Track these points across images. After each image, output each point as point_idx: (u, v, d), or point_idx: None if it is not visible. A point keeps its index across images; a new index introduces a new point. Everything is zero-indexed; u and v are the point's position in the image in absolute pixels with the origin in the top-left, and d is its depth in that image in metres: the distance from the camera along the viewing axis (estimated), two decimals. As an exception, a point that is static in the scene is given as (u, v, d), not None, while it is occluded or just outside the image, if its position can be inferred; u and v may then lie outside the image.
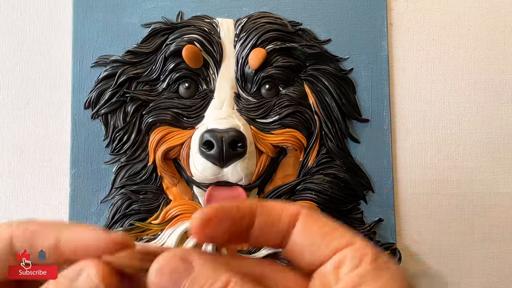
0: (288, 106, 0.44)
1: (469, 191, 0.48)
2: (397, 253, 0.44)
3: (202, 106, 0.43)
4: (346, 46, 0.47)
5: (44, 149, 0.45)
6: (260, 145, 0.43)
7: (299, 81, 0.46)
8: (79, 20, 0.46)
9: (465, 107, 0.49)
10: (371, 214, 0.46)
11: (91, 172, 0.44)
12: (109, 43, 0.46)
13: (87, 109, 0.45)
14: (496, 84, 0.49)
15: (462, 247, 0.47)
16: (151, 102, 0.44)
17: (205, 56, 0.44)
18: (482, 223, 0.48)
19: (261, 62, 0.43)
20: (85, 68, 0.45)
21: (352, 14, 0.48)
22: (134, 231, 0.43)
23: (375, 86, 0.47)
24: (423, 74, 0.49)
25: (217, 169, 0.40)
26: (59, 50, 0.46)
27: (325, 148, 0.45)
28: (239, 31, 0.45)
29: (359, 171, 0.46)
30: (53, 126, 0.46)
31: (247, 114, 0.43)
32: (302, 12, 0.47)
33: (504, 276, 0.47)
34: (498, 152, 0.48)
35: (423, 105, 0.48)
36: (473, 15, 0.50)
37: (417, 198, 0.47)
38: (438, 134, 0.48)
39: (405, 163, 0.47)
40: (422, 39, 0.49)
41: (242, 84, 0.44)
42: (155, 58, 0.45)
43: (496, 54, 0.49)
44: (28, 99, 0.46)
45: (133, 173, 0.43)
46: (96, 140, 0.45)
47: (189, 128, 0.43)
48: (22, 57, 0.46)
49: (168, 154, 0.43)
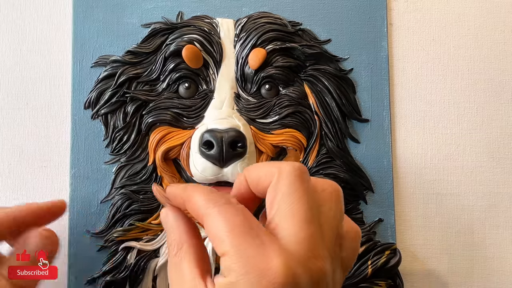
0: (288, 106, 0.44)
1: (469, 191, 0.48)
2: (397, 253, 0.44)
3: (202, 106, 0.43)
4: (346, 46, 0.47)
5: (44, 149, 0.45)
6: (260, 145, 0.43)
7: (299, 81, 0.46)
8: (79, 20, 0.46)
9: (465, 107, 0.49)
10: (371, 214, 0.46)
11: (91, 172, 0.44)
12: (109, 43, 0.46)
13: (87, 109, 0.45)
14: (496, 84, 0.49)
15: (462, 247, 0.47)
16: (151, 102, 0.44)
17: (205, 56, 0.44)
18: (482, 223, 0.48)
19: (261, 62, 0.44)
20: (85, 68, 0.45)
21: (352, 14, 0.48)
22: (134, 231, 0.43)
23: (375, 86, 0.47)
24: (423, 74, 0.49)
25: (217, 169, 0.40)
26: (59, 50, 0.47)
27: (325, 148, 0.45)
28: (239, 31, 0.45)
29: (359, 171, 0.46)
30: (53, 126, 0.46)
31: (247, 114, 0.43)
32: (302, 12, 0.47)
33: (504, 276, 0.47)
34: (498, 152, 0.48)
35: (423, 105, 0.48)
36: (473, 15, 0.50)
37: (417, 198, 0.47)
38: (438, 134, 0.48)
39: (405, 163, 0.47)
40: (422, 39, 0.49)
41: (242, 84, 0.44)
42: (155, 58, 0.45)
43: (496, 54, 0.49)
44: (28, 99, 0.46)
45: (133, 173, 0.44)
46: (96, 140, 0.45)
47: (189, 128, 0.43)
48: (22, 57, 0.46)
49: (168, 154, 0.43)
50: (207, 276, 0.29)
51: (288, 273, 0.25)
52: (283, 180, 0.29)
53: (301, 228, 0.27)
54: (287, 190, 0.28)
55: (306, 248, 0.26)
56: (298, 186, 0.28)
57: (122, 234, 0.42)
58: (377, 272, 0.43)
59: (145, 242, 0.43)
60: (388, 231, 0.46)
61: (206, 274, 0.29)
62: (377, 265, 0.43)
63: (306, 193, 0.28)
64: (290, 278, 0.25)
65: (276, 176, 0.29)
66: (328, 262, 0.27)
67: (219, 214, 0.28)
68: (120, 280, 0.42)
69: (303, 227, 0.27)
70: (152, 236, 0.43)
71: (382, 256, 0.44)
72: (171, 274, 0.31)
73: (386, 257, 0.44)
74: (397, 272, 0.45)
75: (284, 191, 0.28)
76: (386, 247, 0.44)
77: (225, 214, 0.28)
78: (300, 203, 0.28)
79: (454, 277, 0.47)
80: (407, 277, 0.46)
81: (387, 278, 0.44)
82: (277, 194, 0.29)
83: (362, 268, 0.43)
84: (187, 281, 0.29)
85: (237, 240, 0.26)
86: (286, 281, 0.25)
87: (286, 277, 0.25)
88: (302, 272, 0.25)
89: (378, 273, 0.43)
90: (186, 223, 0.32)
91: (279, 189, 0.28)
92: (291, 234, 0.27)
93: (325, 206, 0.30)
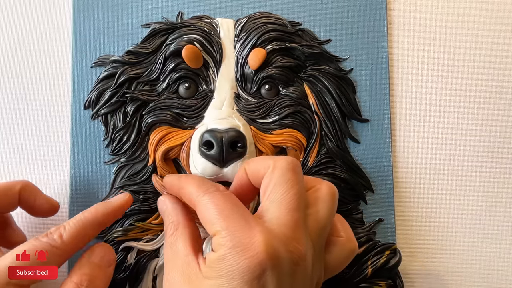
0: (288, 106, 0.44)
1: (469, 191, 0.48)
2: (397, 253, 0.44)
3: (202, 106, 0.43)
4: (346, 46, 0.47)
5: (44, 149, 0.45)
6: (260, 145, 0.43)
7: (299, 81, 0.46)
8: (79, 20, 0.46)
9: (465, 107, 0.49)
10: (371, 214, 0.46)
11: (91, 172, 0.44)
12: (109, 43, 0.46)
13: (87, 109, 0.45)
14: (496, 84, 0.49)
15: (462, 247, 0.47)
16: (151, 102, 0.44)
17: (205, 56, 0.44)
18: (482, 223, 0.48)
19: (261, 62, 0.44)
20: (85, 68, 0.45)
21: (352, 14, 0.48)
22: (134, 231, 0.43)
23: (375, 86, 0.47)
24: (423, 74, 0.49)
25: (217, 169, 0.40)
26: (59, 50, 0.47)
27: (325, 148, 0.45)
28: (239, 31, 0.45)
29: (359, 171, 0.46)
30: (53, 126, 0.46)
31: (247, 114, 0.43)
32: (302, 12, 0.47)
33: (504, 276, 0.47)
34: (498, 152, 0.48)
35: (423, 105, 0.48)
36: (473, 15, 0.50)
37: (417, 198, 0.47)
38: (438, 134, 0.48)
39: (405, 163, 0.47)
40: (422, 39, 0.49)
41: (242, 84, 0.44)
42: (155, 58, 0.45)
43: (496, 54, 0.49)
44: (28, 99, 0.46)
45: (133, 173, 0.44)
46: (96, 140, 0.45)
47: (189, 128, 0.43)
48: (22, 57, 0.46)
49: (168, 154, 0.43)
50: (199, 254, 0.33)
51: (269, 248, 0.28)
52: (277, 171, 0.32)
53: (286, 214, 0.30)
54: (279, 180, 0.32)
55: (289, 231, 0.30)
56: (289, 177, 0.32)
57: (122, 234, 0.42)
58: (377, 272, 0.43)
59: (145, 242, 0.43)
60: (388, 231, 0.46)
61: (198, 252, 0.33)
62: (377, 265, 0.43)
63: (296, 184, 0.32)
64: (270, 252, 0.28)
65: (271, 167, 0.33)
66: (309, 250, 0.30)
67: (209, 200, 0.32)
68: (120, 280, 0.42)
69: (288, 213, 0.30)
70: (152, 236, 0.43)
71: (382, 256, 0.44)
72: (167, 252, 0.35)
73: (386, 257, 0.44)
74: (397, 272, 0.45)
75: (276, 181, 0.32)
76: (386, 247, 0.44)
77: (215, 200, 0.32)
78: (289, 193, 0.31)
79: (454, 277, 0.47)
80: (407, 277, 0.46)
81: (387, 278, 0.44)
82: (270, 182, 0.32)
83: (362, 268, 0.43)
84: (181, 257, 0.33)
85: (226, 221, 0.30)
86: (266, 255, 0.28)
87: (267, 251, 0.28)
88: (282, 251, 0.29)
89: (378, 273, 0.43)
90: (182, 207, 0.37)
91: (272, 179, 0.32)
92: (277, 217, 0.30)
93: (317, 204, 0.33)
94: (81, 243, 0.37)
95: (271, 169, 0.32)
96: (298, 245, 0.30)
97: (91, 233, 0.37)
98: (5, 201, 0.38)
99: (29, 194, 0.39)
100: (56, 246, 0.35)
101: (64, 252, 0.35)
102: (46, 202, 0.40)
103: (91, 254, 0.38)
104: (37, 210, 0.40)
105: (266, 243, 0.28)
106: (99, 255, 0.38)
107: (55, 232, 0.35)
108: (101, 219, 0.38)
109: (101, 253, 0.38)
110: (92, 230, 0.37)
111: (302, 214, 0.31)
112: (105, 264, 0.38)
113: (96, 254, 0.38)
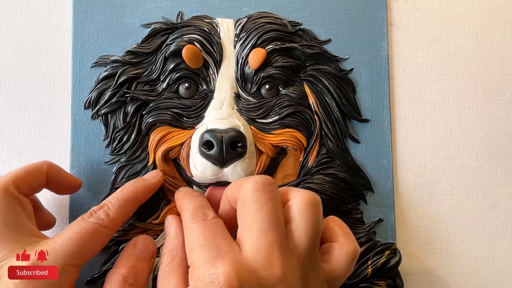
0: (288, 106, 0.44)
1: (469, 191, 0.48)
2: (397, 253, 0.44)
3: (202, 106, 0.43)
4: (346, 46, 0.47)
5: (44, 149, 0.45)
6: (260, 145, 0.43)
7: (299, 81, 0.46)
8: (79, 20, 0.46)
9: (465, 107, 0.49)
10: (371, 214, 0.46)
11: (91, 172, 0.44)
12: (109, 43, 0.46)
13: (87, 109, 0.45)
14: (496, 84, 0.49)
15: (462, 247, 0.47)
16: (151, 102, 0.44)
17: (205, 56, 0.44)
18: (482, 223, 0.48)
19: (261, 62, 0.44)
20: (85, 68, 0.45)
21: (352, 14, 0.48)
22: (134, 231, 0.42)
23: (375, 86, 0.47)
24: (423, 74, 0.49)
25: (217, 169, 0.40)
26: (59, 50, 0.47)
27: (325, 148, 0.45)
28: (239, 31, 0.45)
29: (359, 171, 0.46)
30: (53, 126, 0.46)
31: (247, 114, 0.43)
32: (302, 12, 0.47)
33: (504, 276, 0.47)
34: (498, 152, 0.48)
35: (423, 105, 0.48)
36: (473, 15, 0.50)
37: (417, 198, 0.47)
38: (438, 134, 0.48)
39: (405, 163, 0.47)
40: (422, 39, 0.49)
41: (242, 84, 0.44)
42: (155, 58, 0.45)
43: (496, 54, 0.49)
44: (28, 99, 0.46)
45: (133, 173, 0.44)
46: (96, 140, 0.45)
47: (189, 128, 0.43)
48: (22, 57, 0.46)
49: (168, 154, 0.43)
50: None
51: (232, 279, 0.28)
52: (245, 193, 0.32)
53: (260, 237, 0.30)
54: (248, 201, 0.31)
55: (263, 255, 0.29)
56: (258, 197, 0.31)
57: (122, 234, 0.42)
58: (377, 272, 0.43)
59: (145, 242, 0.43)
60: (388, 231, 0.46)
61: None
62: (377, 265, 0.43)
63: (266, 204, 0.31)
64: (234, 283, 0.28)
65: (241, 191, 0.32)
66: (290, 269, 0.29)
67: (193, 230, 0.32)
68: (120, 280, 0.42)
69: (262, 235, 0.30)
70: (152, 236, 0.43)
71: (382, 256, 0.44)
72: (160, 281, 0.34)
73: (386, 257, 0.44)
74: (397, 272, 0.45)
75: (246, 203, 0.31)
76: (386, 247, 0.44)
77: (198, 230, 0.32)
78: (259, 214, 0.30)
79: (454, 277, 0.47)
80: (407, 277, 0.46)
81: (387, 278, 0.44)
82: (242, 206, 0.32)
83: (362, 268, 0.43)
84: None
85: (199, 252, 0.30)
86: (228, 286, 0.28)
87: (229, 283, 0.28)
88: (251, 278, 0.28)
89: (378, 273, 0.43)
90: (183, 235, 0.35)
91: (243, 202, 0.32)
92: (251, 242, 0.30)
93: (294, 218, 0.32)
94: (123, 221, 0.37)
95: (241, 193, 0.32)
96: (273, 268, 0.29)
97: (131, 211, 0.38)
98: (37, 182, 0.38)
99: (55, 173, 0.39)
100: (103, 225, 0.35)
101: (111, 231, 0.36)
102: (71, 179, 0.41)
103: (134, 246, 0.38)
104: (64, 187, 0.41)
105: (228, 274, 0.28)
106: (142, 247, 0.38)
107: (101, 212, 0.35)
108: (140, 196, 0.38)
109: (144, 245, 0.38)
110: (133, 207, 0.38)
111: (277, 233, 0.30)
112: (148, 256, 0.37)
113: (139, 246, 0.38)
